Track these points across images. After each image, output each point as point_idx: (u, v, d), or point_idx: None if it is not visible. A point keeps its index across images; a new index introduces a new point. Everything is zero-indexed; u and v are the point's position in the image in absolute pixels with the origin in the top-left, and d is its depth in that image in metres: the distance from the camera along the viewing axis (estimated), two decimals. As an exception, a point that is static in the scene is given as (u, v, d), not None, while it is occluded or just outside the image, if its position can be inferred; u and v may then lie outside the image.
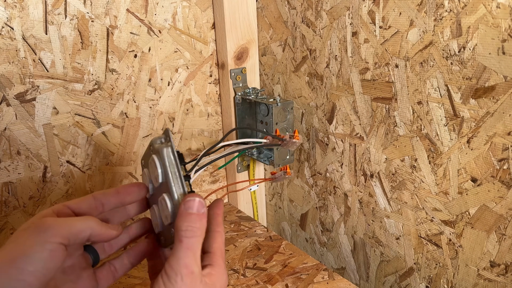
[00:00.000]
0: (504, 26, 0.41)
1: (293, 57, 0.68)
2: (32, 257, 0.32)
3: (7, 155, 0.56)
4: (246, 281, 0.59)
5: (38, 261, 0.32)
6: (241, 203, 0.81)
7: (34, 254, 0.32)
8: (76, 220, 0.36)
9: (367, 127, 0.59)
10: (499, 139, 0.44)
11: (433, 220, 0.53)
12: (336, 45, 0.59)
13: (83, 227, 0.36)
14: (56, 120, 0.59)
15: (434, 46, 0.47)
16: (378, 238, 0.62)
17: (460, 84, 0.46)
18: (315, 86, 0.65)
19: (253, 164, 0.78)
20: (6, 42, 0.53)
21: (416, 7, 0.48)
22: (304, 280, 0.59)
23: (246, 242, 0.69)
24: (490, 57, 0.43)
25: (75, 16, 0.57)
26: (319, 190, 0.71)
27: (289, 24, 0.66)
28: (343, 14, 0.57)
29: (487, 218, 0.47)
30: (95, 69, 0.60)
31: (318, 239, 0.74)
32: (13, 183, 0.58)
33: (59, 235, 0.33)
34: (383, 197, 0.59)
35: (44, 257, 0.32)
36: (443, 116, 0.49)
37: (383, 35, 0.52)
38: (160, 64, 0.67)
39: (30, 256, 0.32)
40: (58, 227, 0.34)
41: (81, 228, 0.35)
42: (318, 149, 0.68)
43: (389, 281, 0.62)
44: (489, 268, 0.49)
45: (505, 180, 0.45)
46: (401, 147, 0.55)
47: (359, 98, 0.58)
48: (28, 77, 0.55)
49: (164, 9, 0.65)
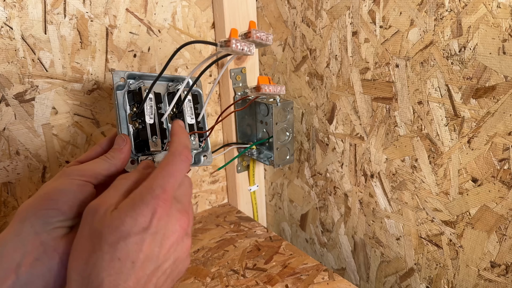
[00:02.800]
0: (504, 26, 0.41)
1: (293, 57, 0.67)
2: (64, 190, 0.35)
3: (6, 155, 0.56)
4: (246, 281, 0.59)
5: (69, 192, 0.35)
6: (241, 203, 0.81)
7: (65, 187, 0.36)
8: (98, 161, 0.40)
9: (367, 127, 0.58)
10: (500, 139, 0.44)
11: (433, 220, 0.53)
12: (336, 45, 0.59)
13: (106, 166, 0.39)
14: (55, 120, 0.59)
15: (434, 45, 0.47)
16: (379, 238, 0.62)
17: (460, 84, 0.46)
18: (315, 86, 0.65)
19: (253, 164, 0.78)
20: (5, 42, 0.52)
21: (417, 7, 0.48)
22: (304, 280, 0.59)
23: (246, 242, 0.69)
24: (491, 57, 0.43)
25: (75, 16, 0.57)
26: (319, 191, 0.70)
27: (289, 23, 0.66)
28: (343, 14, 0.57)
29: (488, 219, 0.47)
30: (94, 69, 0.60)
31: (318, 240, 0.74)
32: (12, 183, 0.58)
33: (84, 175, 0.37)
34: (384, 198, 0.59)
35: (74, 189, 0.36)
36: (443, 116, 0.49)
37: (384, 34, 0.52)
38: (160, 63, 0.67)
39: (62, 189, 0.35)
40: (82, 170, 0.38)
41: (104, 167, 0.39)
42: (318, 149, 0.68)
43: (389, 281, 0.62)
44: (490, 268, 0.49)
45: (506, 180, 0.45)
46: (401, 147, 0.55)
47: (360, 98, 0.58)
48: (27, 77, 0.55)
49: (163, 8, 0.65)
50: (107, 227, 0.32)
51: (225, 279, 0.60)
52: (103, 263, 0.31)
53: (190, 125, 0.48)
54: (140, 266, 0.32)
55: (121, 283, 0.31)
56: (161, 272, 0.34)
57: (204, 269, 0.62)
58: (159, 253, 0.33)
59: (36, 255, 0.33)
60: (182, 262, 0.37)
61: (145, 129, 0.45)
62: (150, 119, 0.45)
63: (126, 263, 0.32)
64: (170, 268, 0.35)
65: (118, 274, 0.31)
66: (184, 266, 0.38)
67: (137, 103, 0.45)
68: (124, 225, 0.32)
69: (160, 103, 0.47)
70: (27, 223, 0.34)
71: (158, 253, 0.33)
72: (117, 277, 0.31)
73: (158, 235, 0.33)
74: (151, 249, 0.33)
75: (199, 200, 0.80)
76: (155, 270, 0.33)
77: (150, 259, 0.33)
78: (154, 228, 0.33)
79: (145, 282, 0.33)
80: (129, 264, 0.32)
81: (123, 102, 0.45)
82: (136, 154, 0.45)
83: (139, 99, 0.45)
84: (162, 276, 0.35)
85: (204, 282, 0.59)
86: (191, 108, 0.49)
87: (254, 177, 0.80)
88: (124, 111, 0.45)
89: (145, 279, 0.33)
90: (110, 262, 0.31)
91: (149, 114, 0.45)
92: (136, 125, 0.44)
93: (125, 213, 0.33)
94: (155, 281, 0.34)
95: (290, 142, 0.69)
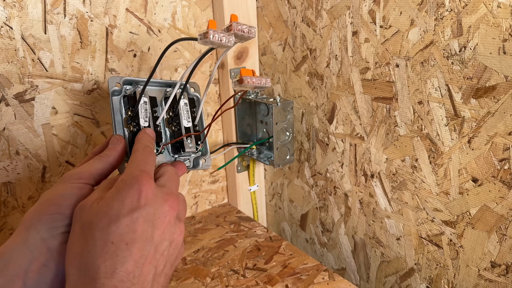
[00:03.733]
0: (505, 25, 0.41)
1: (293, 57, 0.67)
2: (65, 194, 0.36)
3: (6, 155, 0.56)
4: (246, 281, 0.59)
5: (71, 196, 0.36)
6: (241, 203, 0.81)
7: (66, 191, 0.36)
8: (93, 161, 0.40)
9: (367, 127, 0.58)
10: (500, 139, 0.44)
11: (433, 220, 0.53)
12: (337, 45, 0.59)
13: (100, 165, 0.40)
14: (55, 120, 0.59)
15: (434, 45, 0.47)
16: (379, 238, 0.62)
17: (461, 84, 0.46)
18: (315, 85, 0.65)
19: (253, 164, 0.78)
20: (5, 42, 0.52)
21: (417, 7, 0.48)
22: (304, 280, 0.59)
23: (246, 242, 0.69)
24: (491, 57, 0.43)
25: (74, 16, 0.57)
26: (319, 190, 0.70)
27: (289, 23, 0.66)
28: (343, 14, 0.57)
29: (488, 219, 0.47)
30: (94, 69, 0.60)
31: (318, 240, 0.74)
32: (12, 183, 0.58)
33: (82, 178, 0.38)
34: (384, 197, 0.59)
35: (75, 193, 0.36)
36: (444, 116, 0.48)
37: (384, 34, 0.52)
38: (160, 63, 0.67)
39: (63, 194, 0.36)
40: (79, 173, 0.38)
41: (99, 167, 0.39)
42: (319, 149, 0.68)
43: (389, 281, 0.62)
44: (490, 268, 0.48)
45: (506, 180, 0.45)
46: (401, 147, 0.54)
47: (360, 98, 0.58)
48: (27, 77, 0.55)
49: (163, 8, 0.65)
50: (95, 215, 0.32)
51: (225, 279, 0.60)
52: (97, 250, 0.31)
53: (187, 128, 0.48)
54: (136, 247, 0.32)
55: (118, 267, 0.31)
56: (160, 254, 0.34)
57: (204, 269, 0.62)
58: (153, 233, 0.33)
59: (44, 261, 0.33)
60: (178, 248, 0.37)
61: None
62: (145, 122, 0.45)
63: (121, 245, 0.31)
64: (168, 250, 0.35)
65: (114, 258, 0.31)
66: (180, 253, 0.37)
67: (131, 107, 0.45)
68: (112, 209, 0.32)
69: (155, 107, 0.47)
70: (33, 229, 0.34)
71: (152, 233, 0.33)
72: (113, 262, 0.30)
73: (149, 214, 0.33)
74: (144, 229, 0.33)
75: (199, 200, 0.80)
76: (152, 252, 0.33)
77: (145, 239, 0.33)
78: (143, 207, 0.33)
79: (144, 264, 0.32)
80: (123, 246, 0.31)
81: (119, 107, 0.45)
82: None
83: (134, 103, 0.45)
84: (161, 258, 0.34)
85: (204, 282, 0.59)
86: (187, 112, 0.49)
87: (254, 177, 0.80)
88: (120, 115, 0.45)
89: (143, 261, 0.32)
90: (103, 247, 0.31)
91: (144, 117, 0.45)
92: (130, 129, 0.45)
93: (112, 199, 0.33)
94: (155, 263, 0.33)
95: (290, 142, 0.69)
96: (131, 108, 0.45)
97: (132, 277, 0.31)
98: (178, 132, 0.48)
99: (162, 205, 0.35)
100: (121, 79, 0.46)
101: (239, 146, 0.73)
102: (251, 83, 0.43)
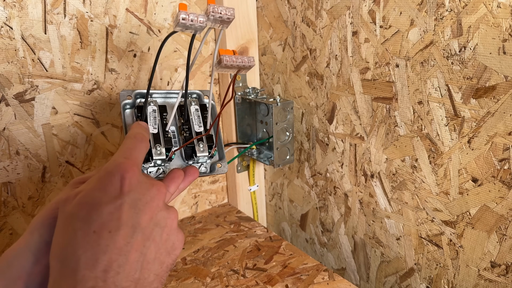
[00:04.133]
0: (505, 25, 0.41)
1: (293, 57, 0.67)
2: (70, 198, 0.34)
3: (6, 155, 0.56)
4: (246, 281, 0.59)
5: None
6: (241, 203, 0.81)
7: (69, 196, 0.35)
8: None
9: (367, 127, 0.58)
10: (500, 139, 0.44)
11: (433, 220, 0.53)
12: (337, 45, 0.59)
13: None
14: (55, 120, 0.59)
15: (434, 45, 0.47)
16: (379, 238, 0.62)
17: (460, 84, 0.46)
18: (315, 86, 0.65)
19: (253, 164, 0.78)
20: (5, 42, 0.52)
21: (417, 7, 0.48)
22: (304, 280, 0.59)
23: (246, 242, 0.69)
24: (491, 57, 0.43)
25: (74, 16, 0.57)
26: (319, 190, 0.70)
27: (289, 23, 0.66)
28: (343, 14, 0.57)
29: (488, 219, 0.47)
30: (94, 69, 0.60)
31: (318, 240, 0.74)
32: (12, 183, 0.58)
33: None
34: (384, 197, 0.59)
35: None
36: (443, 116, 0.48)
37: (384, 34, 0.52)
38: (160, 63, 0.67)
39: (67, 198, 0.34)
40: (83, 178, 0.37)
41: None
42: (318, 149, 0.68)
43: (389, 281, 0.62)
44: (490, 268, 0.48)
45: (506, 180, 0.45)
46: (401, 147, 0.54)
47: (360, 98, 0.58)
48: (27, 77, 0.55)
49: (163, 8, 0.65)
50: (76, 206, 0.31)
51: (225, 279, 0.60)
52: (78, 240, 0.29)
53: (198, 133, 0.49)
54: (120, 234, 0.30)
55: (100, 256, 0.29)
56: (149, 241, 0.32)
57: (204, 269, 0.62)
58: (139, 219, 0.32)
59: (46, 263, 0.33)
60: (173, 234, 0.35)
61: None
62: (154, 129, 0.45)
63: (103, 233, 0.30)
64: (160, 236, 0.34)
65: (95, 248, 0.29)
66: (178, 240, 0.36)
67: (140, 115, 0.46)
68: (94, 198, 0.31)
69: (165, 113, 0.48)
70: (36, 233, 0.33)
71: (138, 219, 0.32)
72: (94, 251, 0.29)
73: (134, 200, 0.32)
74: (130, 215, 0.31)
75: (199, 200, 0.80)
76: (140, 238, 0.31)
77: (130, 226, 0.31)
78: (127, 194, 0.31)
79: (130, 252, 0.31)
80: (106, 235, 0.30)
81: (132, 120, 0.46)
82: (143, 165, 0.45)
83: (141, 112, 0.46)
84: (151, 245, 0.33)
85: (204, 282, 0.59)
86: (198, 117, 0.49)
87: (254, 177, 0.80)
88: None
89: (128, 248, 0.31)
90: (84, 237, 0.29)
91: (153, 124, 0.46)
92: None
93: (92, 188, 0.31)
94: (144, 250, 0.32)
95: (290, 142, 0.69)
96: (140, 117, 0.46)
97: (117, 266, 0.30)
98: (190, 138, 0.48)
99: (149, 190, 0.33)
100: (132, 92, 0.47)
101: (239, 146, 0.73)
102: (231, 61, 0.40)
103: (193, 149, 0.48)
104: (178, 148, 0.48)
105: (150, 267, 0.32)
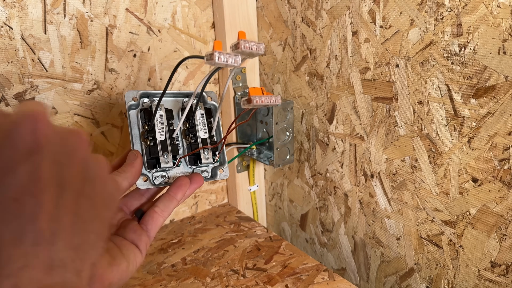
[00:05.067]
0: (504, 25, 0.41)
1: (293, 57, 0.67)
2: None
3: (6, 155, 0.56)
4: (246, 281, 0.59)
5: None
6: (241, 203, 0.81)
7: None
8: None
9: (367, 127, 0.58)
10: (500, 139, 0.44)
11: (433, 220, 0.53)
12: (337, 45, 0.59)
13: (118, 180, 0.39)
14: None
15: (434, 45, 0.47)
16: (379, 238, 0.62)
17: (460, 84, 0.46)
18: (315, 85, 0.65)
19: (253, 164, 0.78)
20: (5, 42, 0.52)
21: (417, 7, 0.48)
22: (304, 280, 0.59)
23: (246, 242, 0.69)
24: (491, 57, 0.43)
25: (74, 16, 0.57)
26: (319, 191, 0.70)
27: (289, 23, 0.66)
28: (343, 14, 0.57)
29: (488, 219, 0.47)
30: (94, 69, 0.60)
31: (318, 240, 0.74)
32: (12, 183, 0.58)
33: None
34: (384, 198, 0.59)
35: None
36: (443, 116, 0.48)
37: (384, 34, 0.52)
38: (160, 63, 0.67)
39: None
40: None
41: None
42: (318, 149, 0.68)
43: (389, 281, 0.62)
44: (490, 268, 0.48)
45: (506, 180, 0.45)
46: (401, 147, 0.54)
47: (360, 98, 0.58)
48: (27, 77, 0.55)
49: (163, 8, 0.65)
50: None
51: (225, 279, 0.60)
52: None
53: (203, 139, 0.49)
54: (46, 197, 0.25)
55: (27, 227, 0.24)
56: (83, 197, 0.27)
57: (204, 269, 0.62)
58: (66, 174, 0.26)
59: None
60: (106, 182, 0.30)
61: (155, 146, 0.45)
62: (161, 136, 0.45)
63: (25, 199, 0.24)
64: (93, 190, 0.28)
65: (19, 218, 0.23)
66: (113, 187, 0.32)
67: (148, 121, 0.46)
68: (2, 159, 0.24)
69: (171, 120, 0.47)
70: None
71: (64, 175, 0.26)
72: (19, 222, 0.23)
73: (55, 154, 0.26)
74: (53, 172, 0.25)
75: (199, 200, 0.80)
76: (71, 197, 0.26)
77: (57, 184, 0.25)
78: (45, 145, 0.25)
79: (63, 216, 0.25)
80: (30, 200, 0.24)
81: (136, 121, 0.46)
82: (149, 171, 0.45)
83: (150, 117, 0.46)
84: (86, 202, 0.27)
85: (204, 282, 0.59)
86: (204, 123, 0.49)
87: (254, 177, 0.80)
88: (137, 129, 0.46)
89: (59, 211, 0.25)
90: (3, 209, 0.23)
91: (160, 131, 0.45)
92: (147, 143, 0.45)
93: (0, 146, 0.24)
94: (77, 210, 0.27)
95: (290, 142, 0.69)
96: (147, 122, 0.45)
97: (49, 235, 0.24)
98: (195, 144, 0.48)
99: (69, 139, 0.27)
100: (137, 93, 0.46)
101: (239, 146, 0.73)
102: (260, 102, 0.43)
103: (198, 155, 0.48)
104: (184, 156, 0.48)
105: (89, 228, 0.27)
